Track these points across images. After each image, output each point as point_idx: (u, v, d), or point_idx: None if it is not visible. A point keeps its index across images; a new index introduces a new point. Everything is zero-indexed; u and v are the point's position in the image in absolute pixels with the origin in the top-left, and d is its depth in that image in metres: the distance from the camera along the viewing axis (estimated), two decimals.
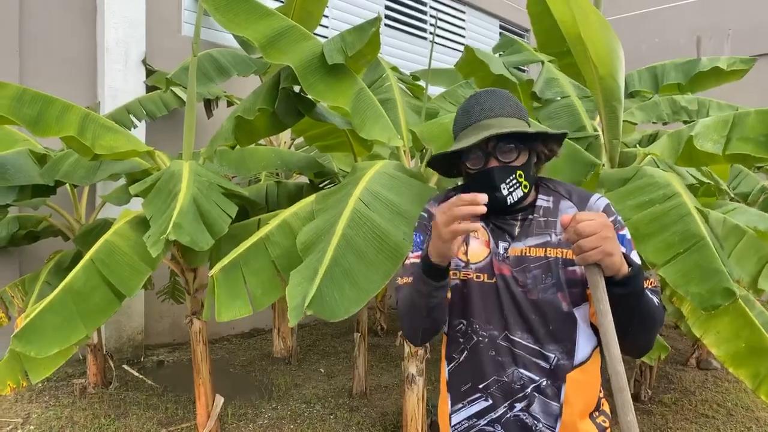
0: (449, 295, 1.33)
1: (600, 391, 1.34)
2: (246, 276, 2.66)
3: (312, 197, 3.04)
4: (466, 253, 1.33)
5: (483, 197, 1.10)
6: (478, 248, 1.33)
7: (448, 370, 1.37)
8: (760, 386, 2.70)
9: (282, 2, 5.38)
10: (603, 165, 2.77)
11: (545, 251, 1.28)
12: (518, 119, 1.30)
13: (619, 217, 1.31)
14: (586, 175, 2.45)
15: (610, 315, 1.09)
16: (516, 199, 1.28)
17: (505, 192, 1.26)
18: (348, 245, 2.27)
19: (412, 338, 1.35)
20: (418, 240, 1.40)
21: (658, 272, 2.35)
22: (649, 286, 1.22)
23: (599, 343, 1.32)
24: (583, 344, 1.28)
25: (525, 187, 1.28)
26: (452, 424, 1.35)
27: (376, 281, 2.23)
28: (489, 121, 1.28)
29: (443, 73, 5.24)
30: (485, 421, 1.30)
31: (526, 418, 1.27)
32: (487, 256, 1.31)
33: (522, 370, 1.26)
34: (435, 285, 1.21)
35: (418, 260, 1.35)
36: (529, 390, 1.26)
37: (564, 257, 1.27)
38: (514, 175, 1.27)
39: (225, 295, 2.59)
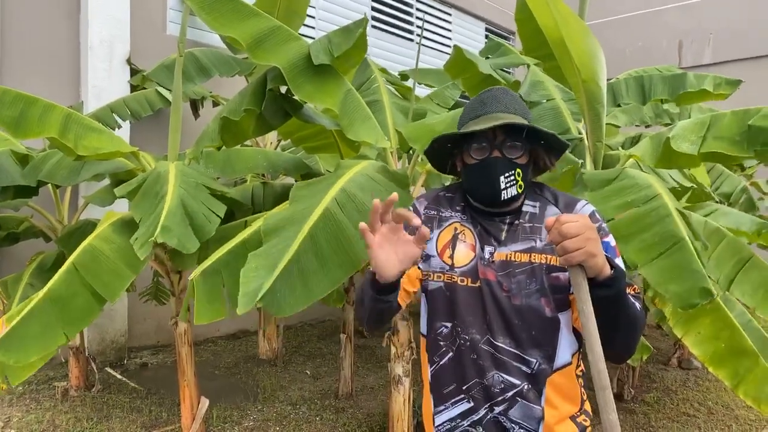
0: (418, 297, 1.36)
1: (582, 392, 1.36)
2: (225, 279, 2.66)
3: None
4: (451, 257, 1.34)
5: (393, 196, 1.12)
6: (463, 251, 1.34)
7: (431, 372, 1.38)
8: (739, 385, 2.75)
9: None
10: (582, 164, 2.81)
11: (530, 257, 1.29)
12: (527, 121, 1.31)
13: (604, 224, 1.32)
14: (561, 169, 2.47)
15: (593, 316, 1.11)
16: (509, 196, 1.28)
17: (502, 185, 1.27)
18: (312, 244, 2.29)
19: (362, 324, 1.38)
20: None
21: (640, 271, 2.38)
22: (632, 292, 1.23)
23: (580, 347, 1.33)
24: (564, 350, 1.29)
25: (520, 187, 1.29)
26: (435, 424, 1.37)
27: (325, 286, 2.27)
28: (502, 114, 1.29)
29: (431, 72, 5.26)
30: (468, 422, 1.31)
31: (504, 422, 1.28)
32: (472, 260, 1.32)
33: (503, 374, 1.27)
34: (377, 297, 1.23)
35: None
36: (509, 394, 1.27)
37: (548, 263, 1.28)
38: (513, 172, 1.27)
39: (203, 298, 2.59)
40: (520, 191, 1.29)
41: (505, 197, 1.28)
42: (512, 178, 1.27)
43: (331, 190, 2.52)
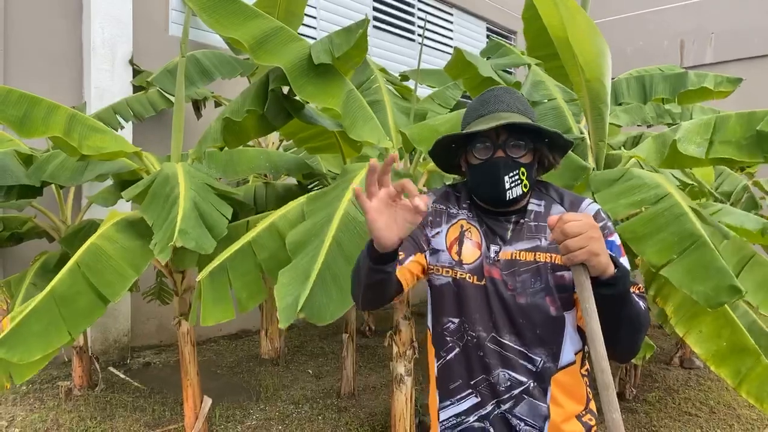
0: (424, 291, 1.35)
1: (588, 391, 1.36)
2: (232, 279, 2.67)
3: (301, 199, 3.05)
4: (459, 253, 1.34)
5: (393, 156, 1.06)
6: (470, 249, 1.34)
7: (437, 366, 1.38)
8: (741, 384, 2.75)
9: None
10: (594, 169, 2.80)
11: (535, 255, 1.29)
12: (531, 120, 1.31)
13: (609, 223, 1.32)
14: (577, 179, 2.44)
15: (596, 314, 1.10)
16: (515, 196, 1.28)
17: (506, 185, 1.27)
18: (339, 249, 2.30)
19: (355, 301, 1.34)
20: None
21: (662, 273, 2.36)
22: (636, 291, 1.23)
23: (584, 346, 1.33)
24: (568, 348, 1.29)
25: (525, 186, 1.29)
26: (440, 419, 1.37)
27: None
28: (504, 114, 1.29)
29: (433, 72, 5.27)
30: (475, 417, 1.31)
31: (510, 419, 1.29)
32: (478, 258, 1.32)
33: (510, 372, 1.28)
34: (374, 267, 1.17)
35: None
36: (516, 392, 1.28)
37: (553, 262, 1.28)
38: (518, 171, 1.27)
39: (210, 300, 2.60)
40: (525, 190, 1.29)
41: (510, 197, 1.28)
42: (517, 177, 1.27)
43: (346, 195, 2.53)
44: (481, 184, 1.32)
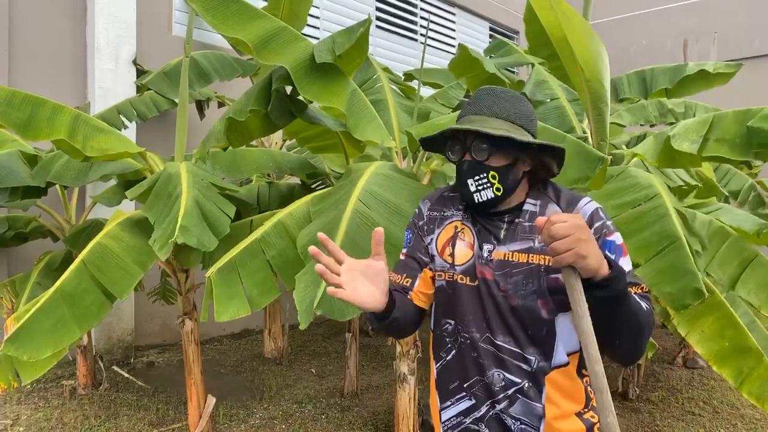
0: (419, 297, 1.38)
1: (588, 390, 1.34)
2: (242, 277, 2.68)
3: (307, 198, 3.07)
4: (451, 255, 1.34)
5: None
6: (463, 250, 1.33)
7: (436, 368, 1.39)
8: (743, 384, 2.75)
9: (266, 1, 5.40)
10: (611, 159, 2.73)
11: (528, 257, 1.27)
12: (510, 123, 1.27)
13: (609, 222, 1.27)
14: (594, 170, 2.32)
15: (588, 317, 1.07)
16: (484, 199, 1.28)
17: (472, 188, 1.28)
18: (352, 245, 2.31)
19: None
20: (407, 237, 1.44)
21: (636, 272, 2.38)
22: (639, 291, 1.21)
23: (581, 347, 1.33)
24: (561, 349, 1.27)
25: (497, 189, 1.27)
26: (442, 420, 1.37)
27: None
28: (476, 117, 1.29)
29: (436, 72, 5.28)
30: (470, 420, 1.32)
31: (506, 419, 1.28)
32: (470, 259, 1.32)
33: (504, 372, 1.27)
34: (381, 323, 1.24)
35: (404, 258, 1.41)
36: (510, 392, 1.27)
37: (546, 264, 1.25)
38: (485, 175, 1.27)
39: (223, 296, 2.59)
40: (498, 194, 1.27)
41: (479, 200, 1.28)
42: (485, 181, 1.26)
43: (353, 193, 2.55)
44: (457, 185, 1.35)
